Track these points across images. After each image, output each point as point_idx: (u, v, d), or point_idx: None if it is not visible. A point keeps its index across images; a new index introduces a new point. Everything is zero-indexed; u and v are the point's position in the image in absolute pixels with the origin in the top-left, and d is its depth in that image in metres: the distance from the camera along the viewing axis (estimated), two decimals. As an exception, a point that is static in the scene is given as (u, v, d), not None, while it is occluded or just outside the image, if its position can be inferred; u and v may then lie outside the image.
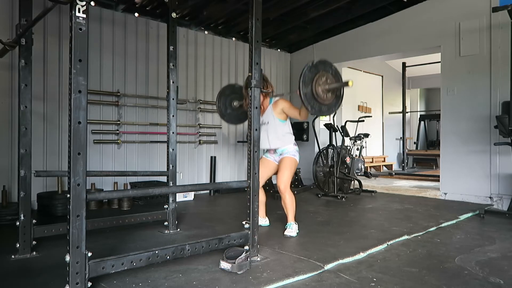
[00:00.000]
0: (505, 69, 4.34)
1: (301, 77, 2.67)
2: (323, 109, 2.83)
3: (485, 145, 4.71)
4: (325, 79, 2.77)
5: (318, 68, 2.77)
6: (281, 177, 3.29)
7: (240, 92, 3.65)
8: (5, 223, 3.57)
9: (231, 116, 3.69)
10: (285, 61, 7.18)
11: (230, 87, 3.71)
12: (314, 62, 2.76)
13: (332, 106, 2.89)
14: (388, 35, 5.75)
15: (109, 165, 4.81)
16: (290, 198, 3.28)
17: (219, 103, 3.61)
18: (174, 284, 2.11)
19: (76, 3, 1.70)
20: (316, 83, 2.72)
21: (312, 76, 2.72)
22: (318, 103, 2.77)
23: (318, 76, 2.73)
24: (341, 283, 2.16)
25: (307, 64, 2.73)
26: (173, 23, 3.37)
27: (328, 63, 2.86)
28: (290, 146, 3.36)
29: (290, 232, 3.19)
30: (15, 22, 2.95)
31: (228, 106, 3.64)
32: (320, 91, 2.73)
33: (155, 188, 3.08)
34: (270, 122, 3.33)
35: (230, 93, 3.66)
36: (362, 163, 6.18)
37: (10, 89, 4.09)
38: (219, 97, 3.62)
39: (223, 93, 3.64)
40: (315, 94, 2.72)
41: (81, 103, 1.75)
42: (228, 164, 6.17)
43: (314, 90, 2.71)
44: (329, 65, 2.85)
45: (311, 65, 2.73)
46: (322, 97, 2.75)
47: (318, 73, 2.75)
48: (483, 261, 2.55)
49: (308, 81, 2.71)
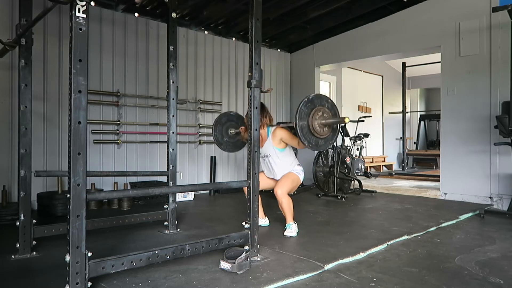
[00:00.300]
0: (505, 69, 4.34)
1: (297, 113, 2.70)
2: (320, 143, 2.88)
3: (485, 145, 4.71)
4: (322, 113, 2.80)
5: (315, 103, 2.80)
6: (281, 186, 3.28)
7: (236, 119, 3.74)
8: (5, 223, 3.57)
9: (228, 144, 3.74)
10: (285, 61, 7.18)
11: (226, 115, 3.76)
12: (310, 97, 2.79)
13: (329, 140, 2.94)
14: (388, 35, 5.75)
15: (109, 165, 4.81)
16: (287, 202, 3.27)
17: (215, 131, 3.66)
18: (174, 284, 2.11)
19: (76, 3, 1.70)
20: (312, 118, 2.75)
21: (308, 111, 2.76)
22: (315, 138, 2.82)
23: (315, 111, 2.77)
24: (341, 283, 2.16)
25: (303, 99, 2.76)
26: (173, 23, 3.37)
27: (324, 97, 2.91)
28: (295, 167, 3.41)
29: (290, 233, 3.19)
30: (15, 22, 2.95)
31: (225, 134, 3.70)
32: (316, 125, 2.77)
33: (155, 188, 3.08)
34: (272, 155, 3.36)
35: (226, 121, 3.71)
36: (362, 163, 6.17)
37: (10, 89, 4.09)
38: (215, 125, 3.66)
39: (219, 121, 3.68)
40: (312, 129, 2.76)
41: (81, 103, 1.75)
42: (228, 164, 6.17)
43: (311, 125, 2.75)
44: (325, 99, 2.89)
45: (307, 100, 2.76)
46: (318, 132, 2.80)
47: (315, 108, 2.78)
48: (483, 261, 2.55)
49: (305, 117, 2.74)
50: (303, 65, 7.02)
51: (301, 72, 7.07)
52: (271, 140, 3.36)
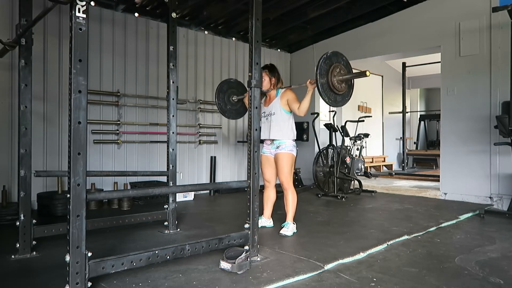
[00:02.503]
0: (505, 69, 4.33)
1: (318, 69, 2.74)
2: (338, 99, 2.91)
3: (485, 145, 4.70)
4: (339, 70, 2.85)
5: (332, 60, 2.85)
6: (281, 173, 3.29)
7: (236, 86, 3.73)
8: (5, 223, 3.57)
9: (231, 111, 3.74)
10: (285, 61, 7.17)
11: (226, 83, 3.74)
12: (328, 54, 2.83)
13: (346, 96, 2.98)
14: (388, 35, 5.75)
15: (109, 165, 4.81)
16: (292, 196, 3.28)
17: (218, 99, 3.65)
18: (174, 284, 2.11)
19: (76, 3, 1.70)
20: (331, 75, 2.79)
21: (327, 68, 2.80)
22: (334, 94, 2.85)
23: (333, 68, 2.81)
24: (341, 283, 2.16)
25: (322, 56, 2.80)
26: (173, 23, 3.37)
27: (340, 54, 2.94)
28: (288, 141, 3.34)
29: (285, 231, 3.19)
30: (15, 22, 2.95)
31: (228, 102, 3.69)
32: (335, 81, 2.81)
33: (155, 188, 3.08)
34: (276, 113, 3.33)
35: (228, 88, 3.70)
36: (362, 163, 6.18)
37: (10, 89, 4.09)
38: (217, 93, 3.65)
39: (221, 89, 3.67)
40: (331, 85, 2.80)
41: (81, 103, 1.75)
42: (228, 164, 6.17)
43: (330, 81, 2.79)
44: (341, 56, 2.93)
45: (325, 57, 2.80)
46: (337, 88, 2.83)
47: (333, 64, 2.82)
48: (483, 261, 2.55)
49: (324, 73, 2.78)
50: (303, 65, 7.02)
51: (301, 72, 7.07)
52: (279, 100, 3.35)
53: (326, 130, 5.90)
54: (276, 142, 3.35)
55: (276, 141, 3.34)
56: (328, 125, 5.73)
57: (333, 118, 6.10)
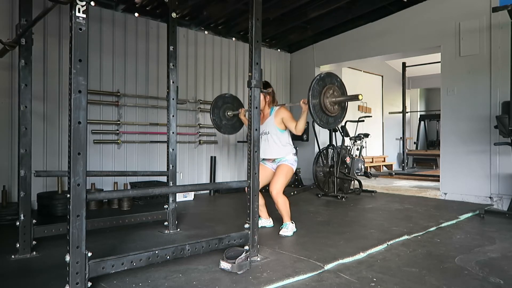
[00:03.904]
0: (505, 69, 4.33)
1: (310, 91, 2.74)
2: (330, 121, 2.91)
3: (485, 145, 4.70)
4: (332, 91, 2.84)
5: (325, 81, 2.84)
6: (275, 183, 3.27)
7: (232, 101, 3.76)
8: (5, 223, 3.57)
9: (227, 126, 3.77)
10: (285, 61, 7.18)
11: (221, 98, 3.77)
12: (321, 75, 2.83)
13: (338, 118, 2.97)
14: (388, 35, 5.75)
15: (109, 165, 4.81)
16: (282, 201, 3.27)
17: (213, 116, 3.67)
18: (174, 284, 2.11)
19: (76, 3, 1.70)
20: (324, 96, 2.79)
21: (320, 89, 2.80)
22: (326, 116, 2.85)
23: (326, 89, 2.81)
24: (341, 283, 2.16)
25: (315, 77, 2.80)
26: (173, 23, 3.37)
27: (334, 75, 2.94)
28: (289, 155, 3.37)
29: (285, 232, 3.19)
30: (15, 22, 2.95)
31: (223, 117, 3.73)
32: (328, 103, 2.81)
33: (155, 188, 3.08)
34: (270, 132, 3.35)
35: (223, 103, 3.73)
36: (362, 163, 6.18)
37: (10, 89, 4.09)
38: (212, 110, 3.68)
39: (215, 105, 3.69)
40: (323, 106, 2.80)
41: (81, 103, 1.75)
42: (228, 164, 6.17)
43: (323, 103, 2.79)
44: (334, 78, 2.93)
45: (319, 78, 2.80)
46: (330, 110, 2.83)
47: (326, 86, 2.82)
48: (483, 261, 2.55)
49: (317, 94, 2.78)
50: (303, 65, 7.02)
51: (301, 72, 7.07)
52: (273, 118, 3.36)
53: (326, 130, 5.90)
54: (277, 160, 3.39)
55: (277, 159, 3.38)
56: (328, 125, 5.72)
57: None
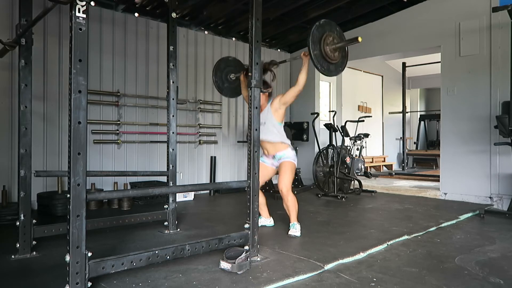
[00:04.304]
0: (505, 69, 4.34)
1: (310, 36, 2.73)
2: (331, 68, 2.90)
3: (485, 145, 4.70)
4: (332, 39, 2.84)
5: (325, 28, 2.84)
6: (283, 180, 3.28)
7: (234, 65, 3.74)
8: (5, 223, 3.57)
9: (228, 89, 3.74)
10: (285, 61, 7.16)
11: (224, 61, 3.74)
12: (320, 22, 2.82)
13: (339, 66, 2.96)
14: (388, 35, 5.75)
15: (109, 165, 4.81)
16: (292, 200, 3.27)
17: (215, 77, 3.66)
18: (174, 284, 2.11)
19: (76, 3, 1.70)
20: (324, 42, 2.79)
21: (320, 35, 2.79)
22: (327, 62, 2.84)
23: (326, 36, 2.81)
24: (341, 283, 2.16)
25: (314, 24, 2.79)
26: (173, 23, 3.37)
27: (333, 23, 2.93)
28: (288, 151, 3.37)
29: (294, 232, 3.19)
30: (15, 22, 2.95)
31: (225, 80, 3.70)
32: (328, 50, 2.80)
33: (155, 188, 3.08)
34: (267, 122, 3.34)
35: (225, 66, 3.70)
36: (362, 163, 6.17)
37: (10, 89, 4.09)
38: (215, 71, 3.65)
39: (218, 67, 3.67)
40: (324, 53, 2.79)
41: (81, 103, 1.75)
42: (228, 164, 6.17)
43: (323, 49, 2.78)
44: (334, 26, 2.92)
45: (318, 25, 2.79)
46: (330, 56, 2.83)
47: (325, 33, 2.82)
48: (483, 261, 2.55)
49: (317, 41, 2.77)
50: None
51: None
52: (270, 108, 3.36)
53: (326, 130, 5.90)
54: (277, 155, 3.38)
55: (277, 154, 3.38)
56: (328, 125, 5.73)
57: (333, 118, 6.10)
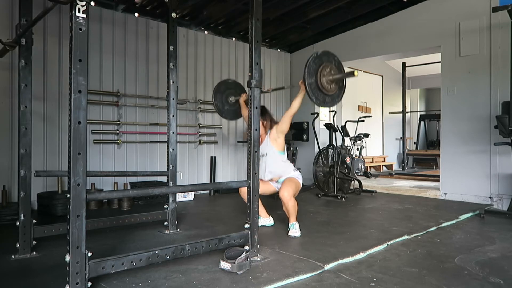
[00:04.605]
0: (505, 69, 4.34)
1: (306, 68, 2.71)
2: (327, 100, 2.87)
3: (485, 145, 4.70)
4: (329, 70, 2.81)
5: (322, 59, 2.81)
6: (286, 187, 3.21)
7: (234, 87, 3.73)
8: (5, 223, 3.57)
9: (229, 112, 3.74)
10: (285, 61, 7.17)
11: (224, 83, 3.75)
12: (318, 53, 2.79)
13: (336, 97, 2.93)
14: (388, 35, 5.75)
15: (109, 165, 4.81)
16: (293, 203, 3.21)
17: (215, 100, 3.66)
18: (174, 284, 2.11)
19: (76, 3, 1.70)
20: (320, 74, 2.76)
21: (316, 67, 2.76)
22: (322, 94, 2.81)
23: (323, 67, 2.78)
24: (341, 283, 2.16)
25: (312, 55, 2.77)
26: (173, 23, 3.37)
27: (332, 54, 2.91)
28: (291, 172, 3.38)
29: (294, 233, 3.18)
30: (15, 22, 2.95)
31: (225, 103, 3.70)
32: (324, 82, 2.77)
33: (155, 188, 3.08)
34: (268, 154, 3.35)
35: (225, 89, 3.70)
36: (362, 163, 6.17)
37: (10, 89, 4.09)
38: (214, 94, 3.66)
39: (218, 90, 3.67)
40: (320, 85, 2.76)
41: (81, 103, 1.75)
42: (228, 164, 6.17)
43: (319, 81, 2.75)
44: (332, 56, 2.90)
45: (315, 56, 2.77)
46: (326, 88, 2.79)
47: (322, 64, 2.79)
48: (483, 261, 2.55)
49: (313, 72, 2.75)
50: (303, 65, 6.96)
51: (301, 72, 7.01)
52: (269, 138, 3.37)
53: (326, 130, 5.90)
54: (280, 180, 3.39)
55: (280, 179, 3.39)
56: (328, 125, 5.73)
57: (333, 118, 6.10)
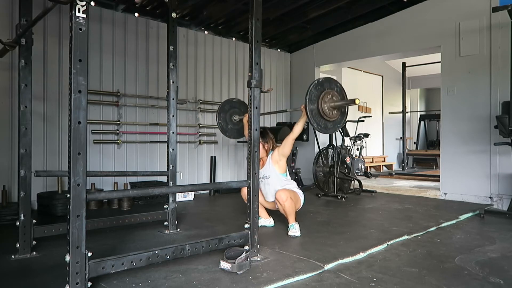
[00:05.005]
0: (505, 69, 4.33)
1: (307, 95, 2.71)
2: (329, 126, 2.88)
3: (485, 145, 4.70)
4: (331, 96, 2.81)
5: (324, 86, 2.82)
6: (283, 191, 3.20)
7: (239, 106, 3.75)
8: (5, 223, 3.57)
9: (232, 131, 3.75)
10: (285, 61, 7.17)
11: (229, 102, 3.76)
12: (320, 80, 2.80)
13: (337, 123, 2.94)
14: (388, 35, 5.75)
15: (109, 165, 4.81)
16: (289, 203, 3.19)
17: (219, 119, 3.67)
18: (174, 284, 2.11)
19: (76, 3, 1.70)
20: (322, 101, 2.76)
21: (318, 93, 2.77)
22: (324, 120, 2.82)
23: (324, 94, 2.78)
24: (341, 283, 2.16)
25: (313, 82, 2.77)
26: (173, 23, 3.37)
27: (334, 80, 2.92)
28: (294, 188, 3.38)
29: (294, 232, 3.18)
30: (15, 22, 2.95)
31: (229, 121, 3.72)
32: (326, 108, 2.78)
33: (155, 188, 3.08)
34: (271, 176, 3.36)
35: (230, 108, 3.72)
36: (362, 163, 6.17)
37: (10, 89, 4.09)
38: (219, 113, 3.67)
39: (222, 109, 3.69)
40: (321, 111, 2.77)
41: (81, 103, 1.75)
42: (228, 164, 6.17)
43: (320, 108, 2.76)
44: (334, 83, 2.90)
45: (317, 83, 2.77)
46: (328, 114, 2.80)
47: (324, 91, 2.79)
48: (483, 261, 2.55)
49: (314, 99, 2.75)
50: (303, 65, 7.02)
51: (301, 72, 7.07)
52: (271, 161, 3.38)
53: (326, 130, 5.89)
54: None
55: None
56: (328, 125, 5.72)
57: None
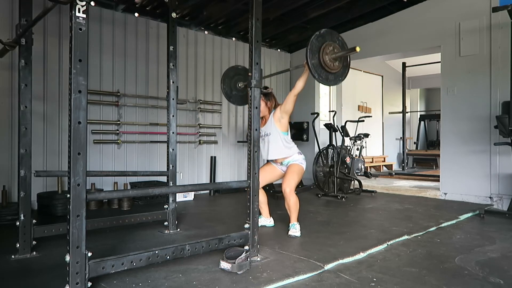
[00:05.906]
0: (505, 69, 4.34)
1: (309, 45, 2.69)
2: (330, 77, 2.85)
3: (485, 145, 4.70)
4: (332, 48, 2.78)
5: (325, 38, 2.79)
6: (288, 181, 3.25)
7: (244, 73, 3.69)
8: (5, 223, 3.57)
9: (236, 97, 3.70)
10: (285, 61, 7.17)
11: (233, 69, 3.71)
12: (321, 32, 2.77)
13: (339, 76, 2.90)
14: (388, 35, 5.75)
15: (109, 165, 4.81)
16: (294, 200, 3.25)
17: (223, 84, 3.62)
18: (174, 284, 2.11)
19: (76, 3, 1.70)
20: (323, 52, 2.74)
21: (319, 45, 2.74)
22: (325, 72, 2.79)
23: (325, 45, 2.75)
24: (341, 283, 2.16)
25: (315, 33, 2.74)
26: (173, 23, 3.37)
27: (335, 33, 2.88)
28: (295, 155, 3.38)
29: (294, 232, 3.18)
30: (15, 22, 2.95)
31: (233, 88, 3.66)
32: (327, 59, 2.75)
33: (155, 188, 3.08)
34: (272, 133, 3.34)
35: (234, 74, 3.67)
36: (362, 163, 6.17)
37: (10, 89, 4.09)
38: (223, 79, 3.63)
39: (227, 75, 3.64)
40: (322, 62, 2.74)
41: (81, 103, 1.75)
42: (228, 164, 6.17)
43: (322, 59, 2.73)
44: (336, 36, 2.87)
45: (318, 34, 2.74)
46: (329, 66, 2.77)
47: (325, 42, 2.77)
48: (483, 261, 2.55)
49: (315, 50, 2.73)
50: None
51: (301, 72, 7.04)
52: (273, 119, 3.36)
53: (326, 130, 5.90)
54: (285, 161, 3.39)
55: (285, 160, 3.39)
56: (328, 125, 5.73)
57: (333, 118, 6.10)
